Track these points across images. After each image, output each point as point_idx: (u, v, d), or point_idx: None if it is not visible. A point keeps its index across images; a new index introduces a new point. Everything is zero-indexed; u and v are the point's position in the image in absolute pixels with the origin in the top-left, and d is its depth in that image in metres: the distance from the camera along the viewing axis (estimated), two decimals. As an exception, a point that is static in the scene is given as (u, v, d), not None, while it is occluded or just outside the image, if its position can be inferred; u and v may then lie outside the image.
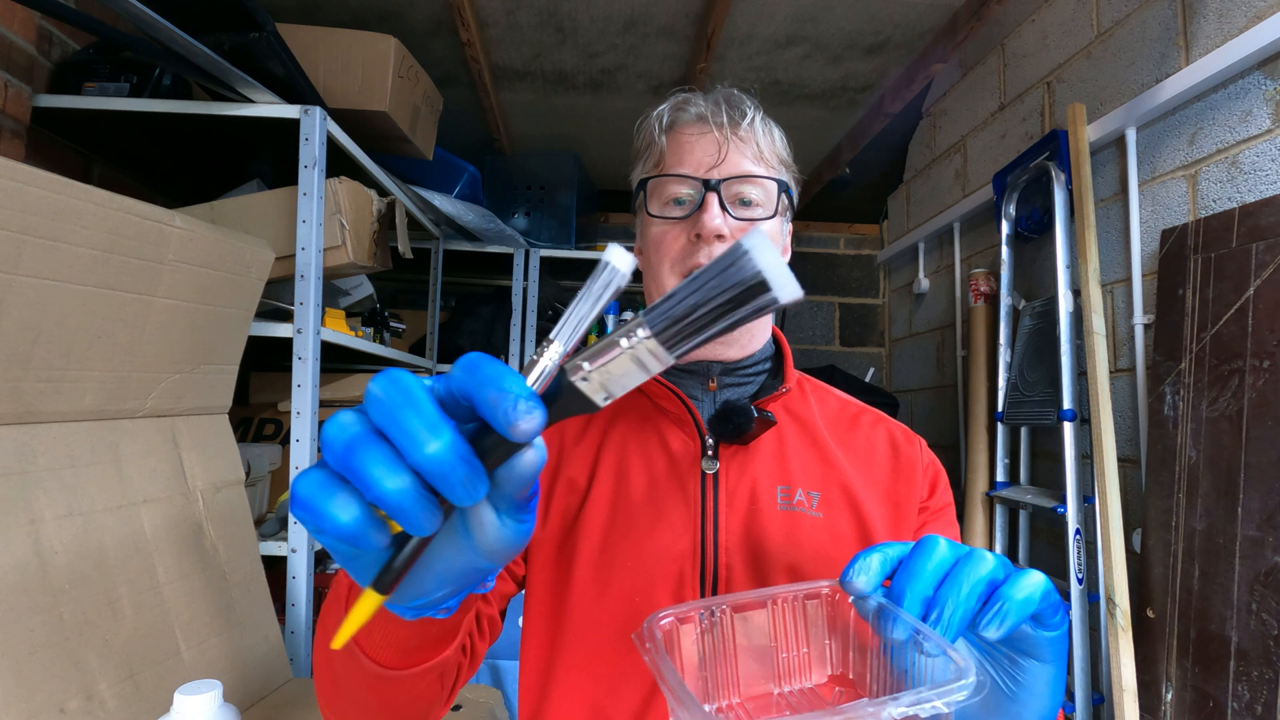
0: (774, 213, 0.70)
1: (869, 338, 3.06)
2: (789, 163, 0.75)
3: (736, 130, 0.70)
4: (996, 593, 0.40)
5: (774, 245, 0.54)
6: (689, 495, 0.68)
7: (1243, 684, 1.10)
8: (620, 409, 0.75)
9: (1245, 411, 1.14)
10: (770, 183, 0.70)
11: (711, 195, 0.68)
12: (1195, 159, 1.31)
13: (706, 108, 0.71)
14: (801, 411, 0.73)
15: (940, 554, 0.42)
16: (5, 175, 0.75)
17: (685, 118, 0.72)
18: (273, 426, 1.73)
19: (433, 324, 2.42)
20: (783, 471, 0.69)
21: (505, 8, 1.79)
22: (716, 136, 0.70)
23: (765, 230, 0.69)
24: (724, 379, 0.73)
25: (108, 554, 0.90)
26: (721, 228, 0.67)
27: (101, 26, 1.27)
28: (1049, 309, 1.61)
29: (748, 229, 0.68)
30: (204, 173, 1.77)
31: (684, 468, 0.69)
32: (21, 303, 0.80)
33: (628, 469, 0.71)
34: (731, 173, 0.69)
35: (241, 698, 1.03)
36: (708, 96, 0.73)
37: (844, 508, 0.67)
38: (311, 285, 1.34)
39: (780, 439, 0.71)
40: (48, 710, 0.77)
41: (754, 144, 0.71)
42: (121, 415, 0.98)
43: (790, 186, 0.74)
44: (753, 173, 0.70)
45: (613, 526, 0.68)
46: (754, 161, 0.70)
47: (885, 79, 2.13)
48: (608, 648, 0.65)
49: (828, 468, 0.69)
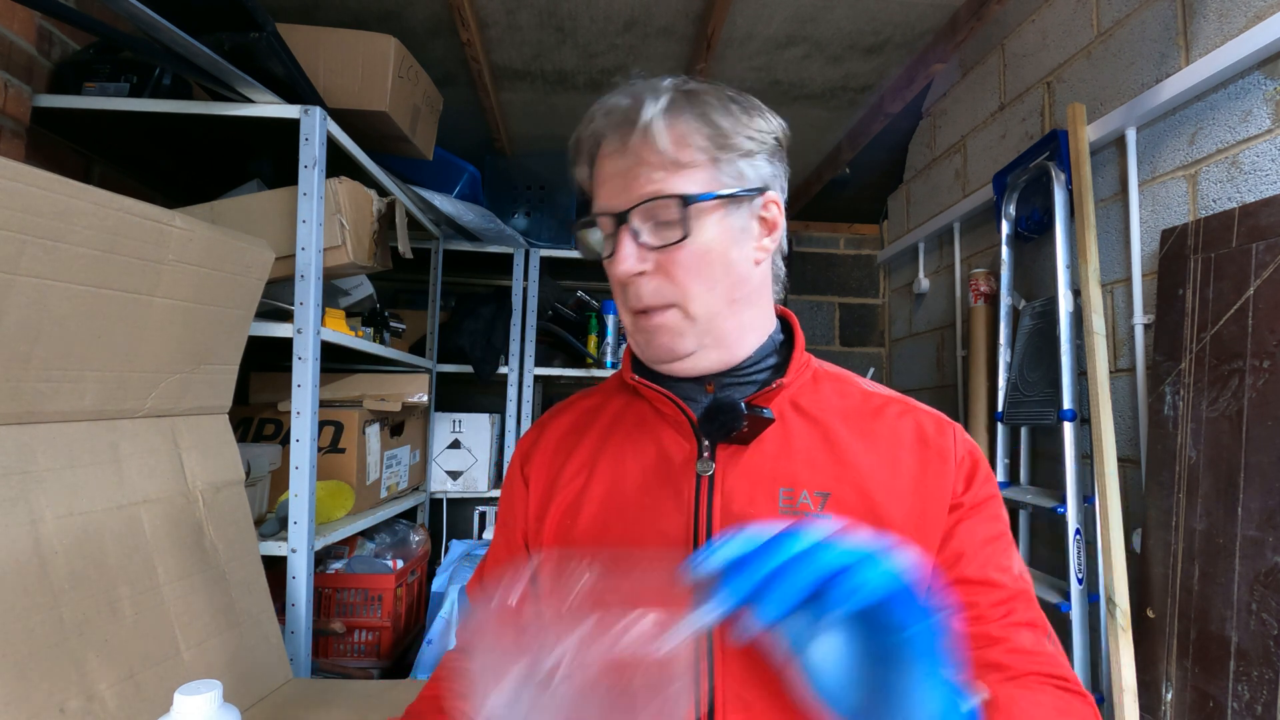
0: (688, 230, 0.61)
1: (869, 338, 3.06)
2: (729, 134, 0.62)
3: (630, 140, 0.62)
4: (825, 588, 0.39)
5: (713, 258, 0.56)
6: (683, 499, 0.64)
7: (1243, 684, 1.10)
8: (618, 416, 0.73)
9: (1245, 411, 1.14)
10: (673, 202, 0.61)
11: (623, 232, 0.62)
12: (1195, 159, 1.31)
13: (604, 121, 0.64)
14: (813, 406, 0.68)
15: (785, 547, 0.40)
16: (5, 175, 0.75)
17: (589, 138, 0.66)
18: (273, 426, 1.73)
19: (433, 324, 2.42)
20: (786, 472, 0.64)
21: (505, 8, 1.79)
22: (620, 154, 0.62)
23: (693, 249, 0.62)
24: (722, 379, 0.69)
25: (108, 554, 0.90)
26: (634, 267, 0.62)
27: (101, 26, 1.27)
28: (1049, 309, 1.61)
29: (672, 254, 0.62)
30: (204, 173, 1.76)
31: (678, 470, 0.66)
32: (21, 303, 0.80)
33: (623, 474, 0.68)
34: (634, 199, 0.61)
35: (241, 698, 1.03)
36: (613, 99, 0.64)
37: (857, 509, 0.62)
38: (311, 285, 1.34)
39: (786, 437, 0.66)
40: (48, 710, 0.77)
41: (655, 150, 0.61)
42: (121, 415, 0.98)
43: (726, 183, 0.63)
44: (657, 193, 0.61)
45: (605, 531, 0.66)
46: (666, 170, 0.61)
47: (885, 79, 2.13)
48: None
49: (840, 466, 0.64)
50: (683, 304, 0.64)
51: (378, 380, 1.95)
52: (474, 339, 2.35)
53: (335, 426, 1.73)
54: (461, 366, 2.38)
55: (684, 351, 0.66)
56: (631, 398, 0.74)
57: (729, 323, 0.67)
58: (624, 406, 0.74)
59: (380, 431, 1.89)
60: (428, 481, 2.38)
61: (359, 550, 1.85)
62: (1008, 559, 0.64)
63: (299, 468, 1.35)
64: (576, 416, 0.77)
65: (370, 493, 1.83)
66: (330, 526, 1.57)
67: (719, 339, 0.67)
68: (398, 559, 1.88)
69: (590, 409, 0.77)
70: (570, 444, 0.74)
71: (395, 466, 2.02)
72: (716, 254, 0.64)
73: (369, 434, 1.81)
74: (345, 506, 1.66)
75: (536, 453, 0.76)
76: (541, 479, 0.73)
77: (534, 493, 0.73)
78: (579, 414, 0.77)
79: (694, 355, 0.67)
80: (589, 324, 2.52)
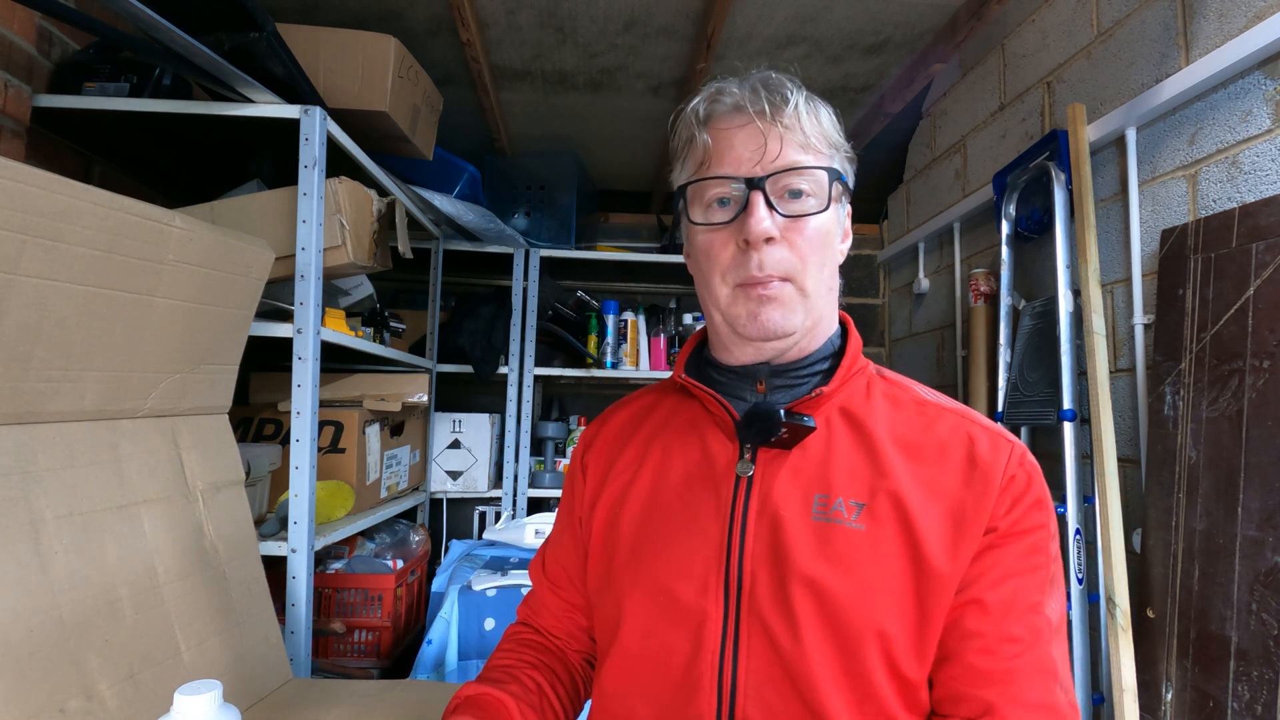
0: (826, 204, 0.65)
1: (869, 338, 3.06)
2: (839, 144, 0.68)
3: (779, 117, 0.64)
4: None
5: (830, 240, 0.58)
6: (721, 499, 0.66)
7: (1243, 684, 1.10)
8: (672, 414, 0.76)
9: (1245, 411, 1.14)
10: (820, 172, 0.64)
11: (756, 194, 0.62)
12: (1195, 159, 1.31)
13: (744, 95, 0.65)
14: (862, 414, 0.67)
15: None
16: (5, 175, 0.75)
17: (721, 109, 0.66)
18: (273, 426, 1.73)
19: (433, 324, 2.42)
20: (823, 479, 0.64)
21: (505, 8, 1.79)
22: (759, 126, 0.64)
23: (818, 223, 0.64)
24: (774, 380, 0.69)
25: (108, 554, 0.90)
26: (770, 230, 0.62)
27: (101, 26, 1.27)
28: (1049, 309, 1.61)
29: (800, 226, 0.64)
30: (204, 173, 1.77)
31: (719, 471, 0.67)
32: (21, 303, 0.80)
33: (668, 470, 0.71)
34: (776, 167, 0.63)
35: (241, 698, 1.03)
36: (743, 83, 0.67)
37: (891, 521, 0.61)
38: (311, 285, 1.34)
39: (828, 443, 0.66)
40: (48, 710, 0.77)
41: (799, 130, 0.64)
42: (121, 415, 0.98)
43: (843, 172, 0.68)
44: (800, 163, 0.64)
45: (647, 523, 0.69)
46: (800, 150, 0.64)
47: (885, 79, 2.13)
48: (638, 634, 0.66)
49: (879, 476, 0.63)
50: (799, 278, 0.64)
51: (378, 380, 1.95)
52: (474, 339, 2.35)
53: (335, 426, 1.73)
54: (461, 366, 2.38)
55: (791, 328, 0.65)
56: (684, 398, 0.76)
57: (824, 310, 0.69)
58: (676, 406, 0.76)
59: (380, 431, 1.89)
60: (428, 481, 2.38)
61: (359, 550, 1.85)
62: (1040, 594, 0.61)
63: (299, 468, 1.35)
64: (633, 413, 0.80)
65: (370, 493, 1.83)
66: (330, 526, 1.57)
67: (814, 324, 0.68)
68: (398, 559, 1.88)
69: (645, 407, 0.80)
70: (624, 438, 0.77)
71: (395, 466, 2.02)
72: (830, 237, 0.67)
73: (369, 434, 1.81)
74: (345, 506, 1.66)
75: (596, 444, 0.80)
76: (598, 469, 0.77)
77: (590, 481, 0.77)
78: (635, 411, 0.80)
79: (794, 337, 0.67)
80: (589, 324, 2.52)
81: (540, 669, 0.77)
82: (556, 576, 0.82)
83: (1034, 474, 0.64)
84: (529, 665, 0.77)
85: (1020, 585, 0.60)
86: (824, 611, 0.60)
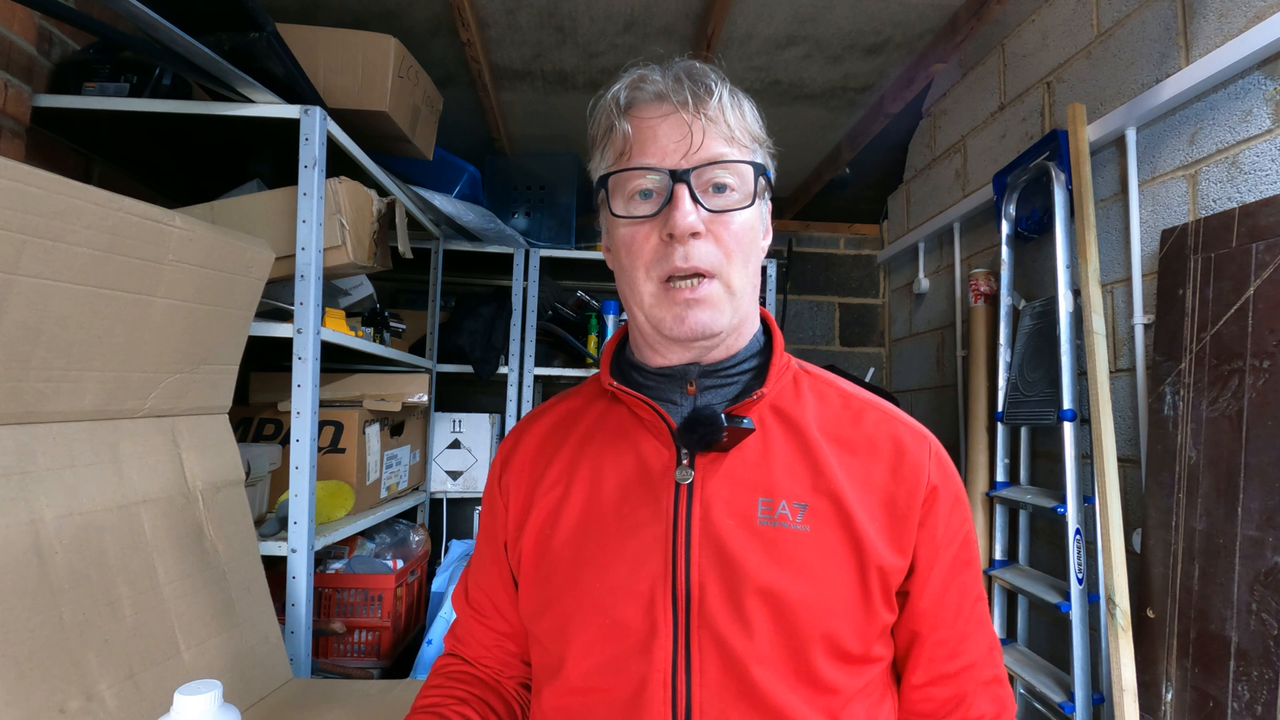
0: (751, 199, 0.64)
1: (869, 338, 3.06)
2: (762, 138, 0.67)
3: (704, 109, 0.62)
4: None
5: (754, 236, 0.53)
6: (661, 508, 0.63)
7: (1243, 684, 1.10)
8: (598, 422, 0.72)
9: (1245, 411, 1.14)
10: (745, 166, 0.63)
11: (681, 188, 0.61)
12: (1195, 159, 1.31)
13: (667, 84, 0.63)
14: (793, 411, 0.67)
15: None
16: (5, 175, 0.75)
17: (643, 97, 0.64)
18: (273, 426, 1.73)
19: (433, 324, 2.42)
20: (765, 482, 0.63)
21: (505, 8, 1.79)
22: (683, 117, 0.62)
23: (744, 219, 0.63)
24: (704, 381, 0.67)
25: (108, 554, 0.90)
26: (695, 224, 0.60)
27: (101, 26, 1.27)
28: (1049, 309, 1.61)
29: (726, 221, 0.62)
30: (204, 173, 1.76)
31: (656, 478, 0.64)
32: (21, 303, 0.80)
33: (600, 483, 0.67)
34: (701, 159, 0.62)
35: (241, 698, 1.03)
36: (666, 70, 0.65)
37: (833, 521, 0.62)
38: (311, 285, 1.34)
39: (765, 444, 0.65)
40: (48, 710, 0.77)
41: (723, 123, 0.63)
42: (121, 415, 0.98)
43: (767, 167, 0.67)
44: (725, 156, 0.62)
45: (584, 541, 0.65)
46: (725, 143, 0.63)
47: (885, 79, 2.13)
48: (585, 666, 0.63)
49: (817, 475, 0.63)
50: (726, 275, 0.63)
51: (378, 380, 1.95)
52: (474, 339, 2.35)
53: (335, 426, 1.73)
54: (461, 366, 2.38)
55: (719, 328, 0.64)
56: (611, 403, 0.72)
57: (749, 307, 0.68)
58: (603, 412, 0.72)
59: (380, 431, 1.89)
60: (428, 481, 2.38)
61: (359, 550, 1.85)
62: (977, 584, 0.69)
63: (299, 468, 1.35)
64: (555, 420, 0.75)
65: (370, 493, 1.83)
66: (330, 526, 1.57)
67: (740, 321, 0.67)
68: (398, 559, 1.88)
69: (570, 413, 0.75)
70: (549, 451, 0.72)
71: (395, 466, 2.02)
72: (754, 233, 0.66)
73: (369, 434, 1.81)
74: (345, 506, 1.66)
75: (514, 461, 0.74)
76: (521, 489, 0.72)
77: (514, 503, 0.72)
78: (558, 418, 0.75)
79: (721, 336, 0.65)
80: (589, 324, 2.52)
81: (471, 703, 0.72)
82: (481, 605, 0.77)
83: (951, 473, 0.68)
84: (457, 701, 0.72)
85: (963, 585, 0.67)
86: (778, 617, 0.60)
